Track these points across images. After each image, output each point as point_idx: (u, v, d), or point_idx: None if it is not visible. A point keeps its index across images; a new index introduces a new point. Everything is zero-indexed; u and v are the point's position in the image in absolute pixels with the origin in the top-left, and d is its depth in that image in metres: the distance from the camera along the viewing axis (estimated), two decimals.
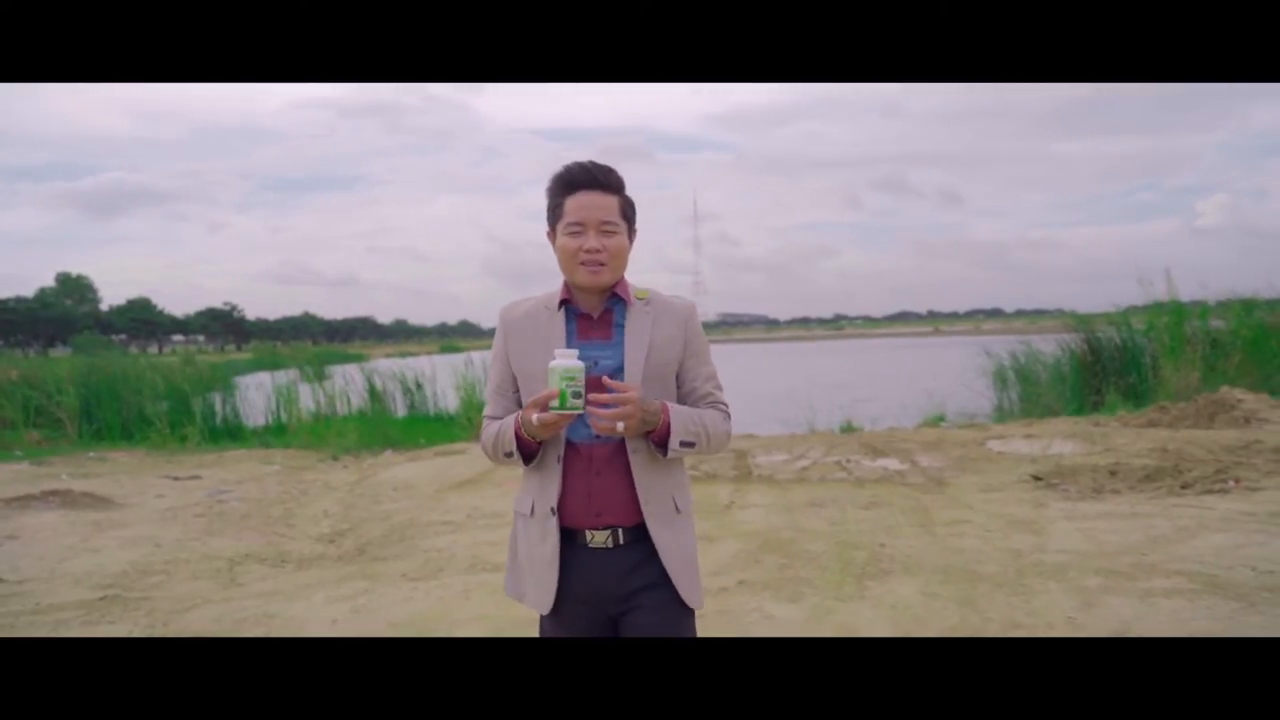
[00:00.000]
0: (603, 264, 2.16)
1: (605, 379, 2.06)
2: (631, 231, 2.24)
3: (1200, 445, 8.85)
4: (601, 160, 2.20)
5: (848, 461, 9.19)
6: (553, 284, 2.26)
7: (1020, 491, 7.48)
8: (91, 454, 12.17)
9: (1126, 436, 9.95)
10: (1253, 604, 4.40)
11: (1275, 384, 13.27)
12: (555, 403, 1.98)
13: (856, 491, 7.66)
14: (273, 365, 22.90)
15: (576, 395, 1.99)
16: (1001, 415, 14.30)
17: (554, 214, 2.22)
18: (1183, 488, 7.32)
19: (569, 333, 2.20)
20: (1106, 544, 5.62)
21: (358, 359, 30.12)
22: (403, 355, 33.49)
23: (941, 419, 13.56)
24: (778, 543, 5.97)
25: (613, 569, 2.15)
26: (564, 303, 2.23)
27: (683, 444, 2.14)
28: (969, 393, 15.40)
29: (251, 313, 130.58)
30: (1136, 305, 15.27)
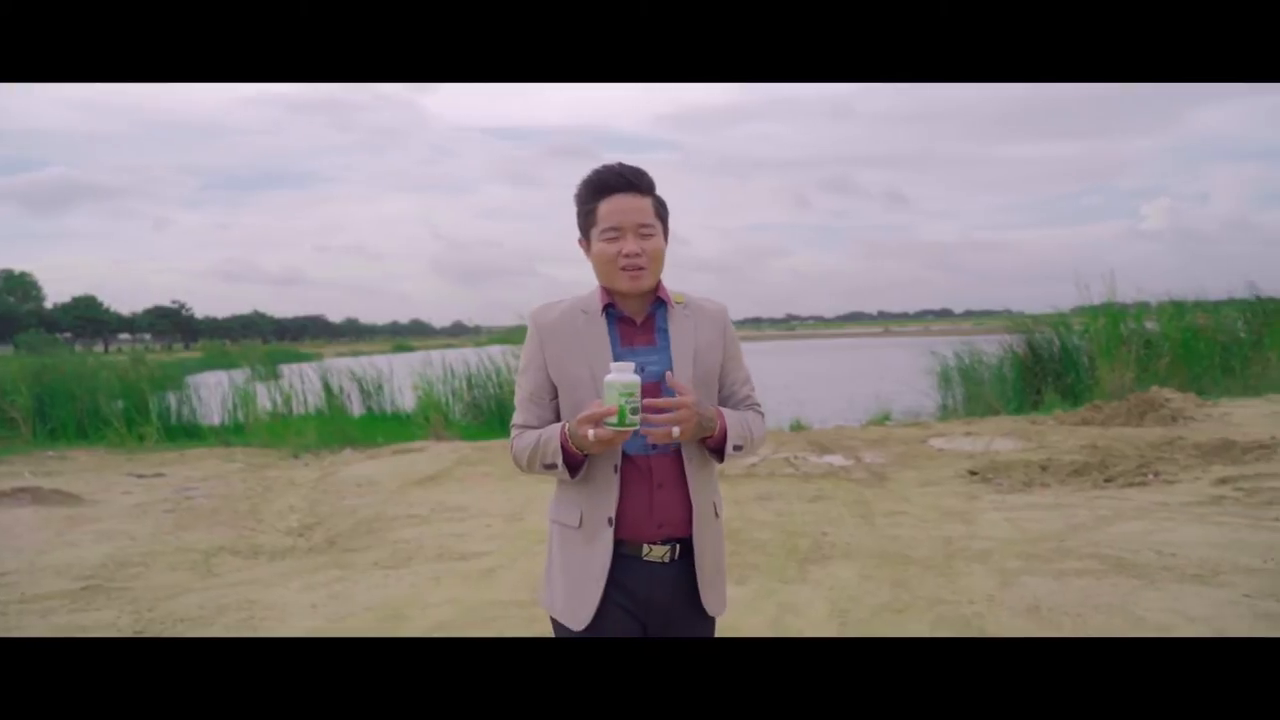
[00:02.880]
0: (643, 268, 2.11)
1: (669, 376, 2.07)
2: (666, 232, 2.20)
3: (1128, 442, 9.36)
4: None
5: (795, 458, 9.59)
6: (503, 283, 2.32)
7: (956, 485, 7.93)
8: (50, 453, 12.25)
9: (1060, 434, 10.45)
10: (1152, 581, 4.87)
11: (1203, 384, 13.92)
12: (613, 419, 1.94)
13: (803, 486, 8.07)
14: (223, 364, 22.87)
15: (635, 411, 1.94)
16: (945, 414, 14.78)
17: (586, 220, 2.17)
18: (1106, 481, 7.82)
19: (612, 339, 2.15)
20: (1030, 531, 6.08)
21: (309, 358, 29.95)
22: (354, 354, 33.33)
23: (887, 418, 14.01)
24: (727, 532, 6.31)
25: (666, 582, 2.13)
26: (608, 307, 2.18)
27: (735, 448, 2.14)
28: (915, 392, 15.90)
29: (199, 311, 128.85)
30: (1083, 306, 15.86)
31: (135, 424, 13.71)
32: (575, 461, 2.08)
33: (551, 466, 2.09)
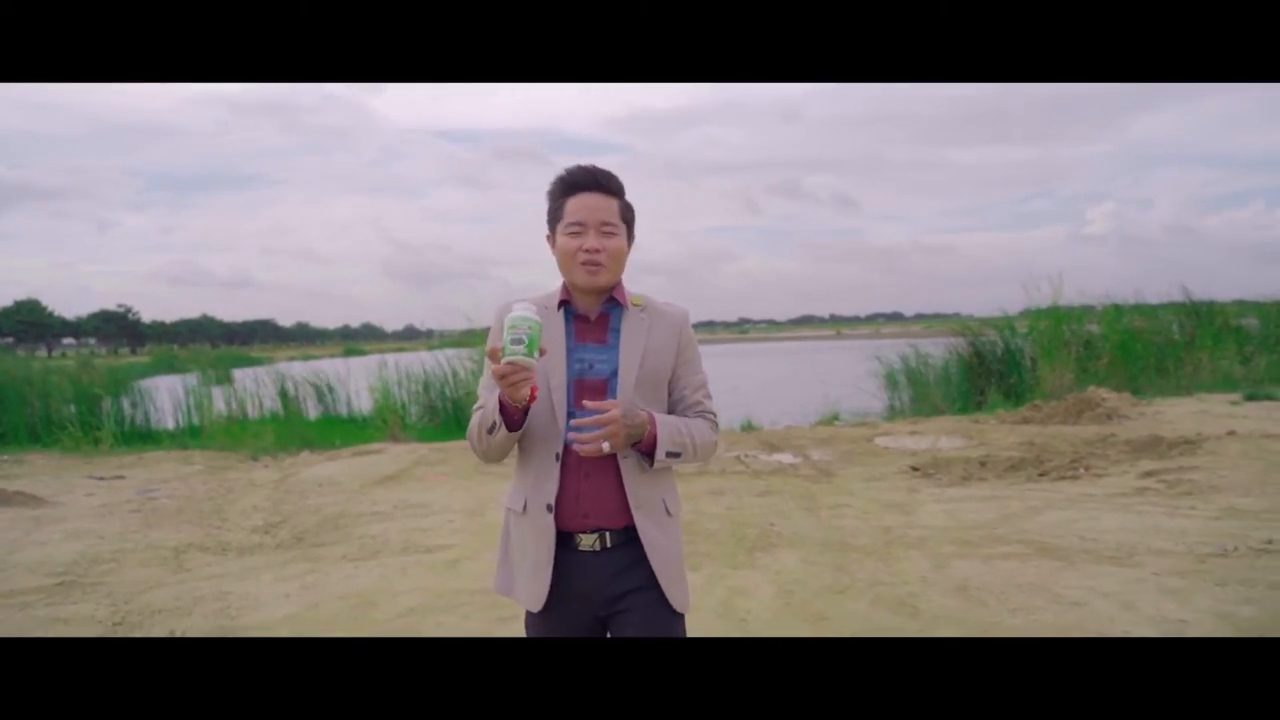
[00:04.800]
0: (601, 264, 2.17)
1: (586, 402, 2.10)
2: (630, 236, 2.26)
3: (1064, 439, 9.81)
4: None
5: (746, 456, 9.91)
6: (454, 286, 2.40)
7: (898, 480, 8.31)
8: (5, 457, 12.25)
9: (1001, 432, 10.87)
10: (1071, 563, 5.27)
11: (1139, 384, 14.48)
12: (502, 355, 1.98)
13: (752, 481, 8.40)
14: (172, 369, 22.81)
15: (516, 342, 1.96)
16: (893, 415, 15.19)
17: (554, 216, 2.24)
18: (1040, 475, 8.24)
19: (567, 334, 2.23)
20: (964, 521, 6.47)
21: (259, 362, 29.77)
22: (305, 358, 33.20)
23: (836, 418, 14.38)
24: (681, 524, 6.65)
25: (600, 572, 2.17)
26: (563, 304, 2.25)
27: (669, 454, 2.15)
28: (864, 394, 16.31)
29: (146, 314, 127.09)
30: (1029, 309, 16.33)
31: (90, 428, 13.71)
32: (511, 415, 2.11)
33: (493, 429, 2.13)
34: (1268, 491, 6.81)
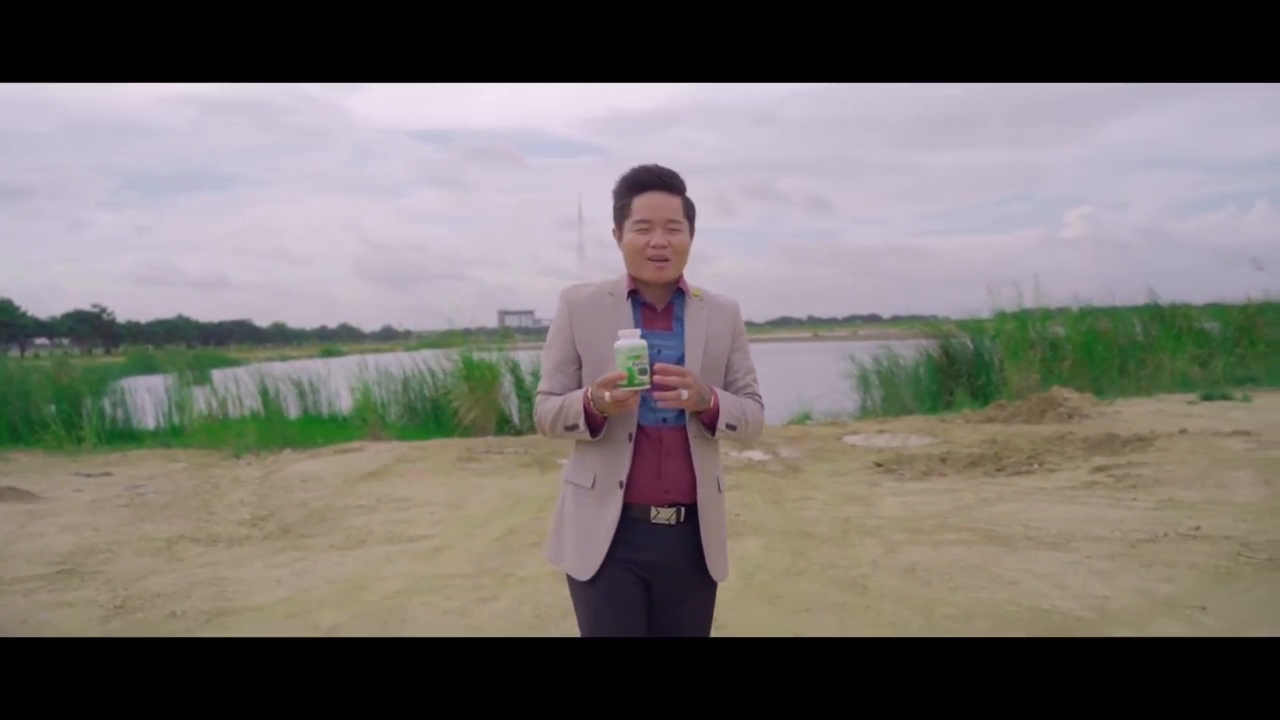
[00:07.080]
0: (668, 259, 2.35)
1: (661, 366, 2.24)
2: (691, 231, 2.43)
3: (1024, 437, 10.19)
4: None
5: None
6: (431, 287, 2.62)
7: (862, 475, 8.68)
8: None
9: (965, 430, 11.24)
10: (1013, 549, 5.66)
11: (1101, 384, 14.91)
12: (624, 381, 2.17)
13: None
14: (148, 369, 22.90)
15: (643, 372, 2.16)
16: (864, 414, 15.55)
17: (621, 213, 2.41)
18: (998, 470, 8.62)
19: (635, 321, 2.38)
20: (920, 512, 6.85)
21: (236, 363, 29.73)
22: (283, 359, 33.16)
23: (808, 417, 14.73)
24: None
25: (672, 544, 2.34)
26: (632, 293, 2.41)
27: (728, 425, 2.33)
28: (836, 394, 16.65)
29: (119, 315, 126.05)
30: (1003, 312, 16.72)
31: (72, 427, 13.88)
32: (596, 423, 2.31)
33: (573, 428, 2.32)
34: (1206, 484, 7.21)
